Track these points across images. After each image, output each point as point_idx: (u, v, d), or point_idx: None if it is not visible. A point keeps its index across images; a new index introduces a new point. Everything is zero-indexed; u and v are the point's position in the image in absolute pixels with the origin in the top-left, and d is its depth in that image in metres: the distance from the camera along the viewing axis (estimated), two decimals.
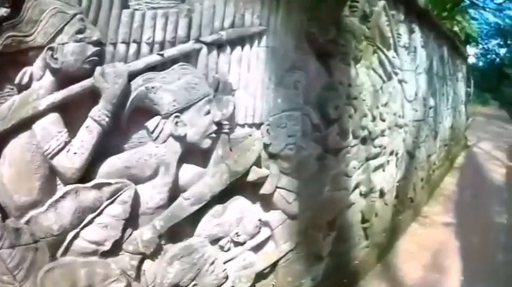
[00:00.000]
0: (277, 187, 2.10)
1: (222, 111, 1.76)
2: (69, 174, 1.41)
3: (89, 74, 1.46)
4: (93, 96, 1.48)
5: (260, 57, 1.94)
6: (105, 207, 1.48)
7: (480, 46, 23.84)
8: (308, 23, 2.25)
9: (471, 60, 15.32)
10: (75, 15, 1.40)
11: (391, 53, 3.50)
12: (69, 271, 1.44)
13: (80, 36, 1.40)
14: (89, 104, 1.47)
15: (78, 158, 1.41)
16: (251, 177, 1.95)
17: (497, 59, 25.40)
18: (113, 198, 1.48)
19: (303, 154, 2.22)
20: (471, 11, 11.79)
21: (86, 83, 1.45)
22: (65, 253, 1.44)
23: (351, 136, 2.78)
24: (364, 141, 3.04)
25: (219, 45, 1.76)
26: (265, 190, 2.07)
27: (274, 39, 2.00)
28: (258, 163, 2.00)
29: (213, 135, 1.75)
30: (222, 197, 1.86)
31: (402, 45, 3.88)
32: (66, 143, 1.40)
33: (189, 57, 1.69)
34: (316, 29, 2.30)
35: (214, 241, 1.86)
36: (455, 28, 7.97)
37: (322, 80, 2.42)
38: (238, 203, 1.96)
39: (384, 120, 3.34)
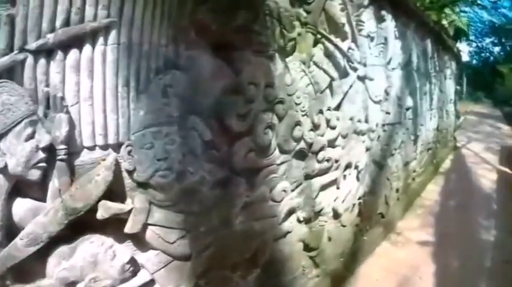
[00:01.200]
0: (148, 224, 1.61)
1: (55, 133, 1.42)
2: None
3: None
4: None
5: (108, 59, 1.48)
6: None
7: (474, 44, 23.08)
8: (194, 7, 1.64)
9: (464, 58, 14.57)
10: None
11: (346, 44, 2.78)
12: None
13: None
14: None
15: None
16: (100, 214, 1.48)
17: (491, 58, 24.56)
18: None
19: (189, 181, 1.63)
20: (466, 8, 11.10)
21: None
22: None
23: (276, 151, 2.10)
24: (301, 155, 2.35)
25: (48, 52, 1.39)
26: (128, 228, 1.57)
27: (131, 33, 1.52)
28: (121, 193, 1.55)
29: (43, 164, 1.41)
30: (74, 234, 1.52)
31: (365, 34, 3.16)
32: None
33: (13, 72, 1.36)
34: (208, 14, 1.67)
35: (70, 284, 1.51)
36: (444, 22, 7.21)
37: (221, 80, 1.76)
38: (91, 244, 1.57)
39: (333, 128, 2.63)
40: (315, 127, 2.43)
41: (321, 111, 2.48)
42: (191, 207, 1.69)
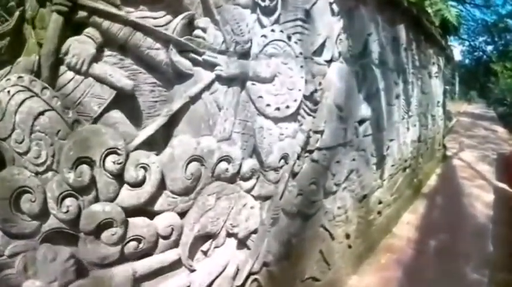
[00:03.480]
0: None
1: None
2: None
3: None
4: None
5: None
6: None
7: (467, 43, 21.57)
8: None
9: (457, 57, 13.16)
10: None
11: (178, 21, 1.42)
12: None
13: None
14: None
15: None
16: None
17: (484, 57, 22.90)
18: None
19: None
20: (458, 6, 9.66)
21: None
22: None
23: None
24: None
25: None
26: None
27: None
28: None
29: None
30: None
31: (245, 3, 1.69)
32: None
33: None
34: None
35: None
36: (429, 10, 5.71)
37: None
38: None
39: (137, 185, 1.34)
40: (78, 190, 1.26)
41: (85, 160, 1.23)
42: None
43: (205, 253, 1.73)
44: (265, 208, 2.03)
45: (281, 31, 1.96)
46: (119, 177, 1.37)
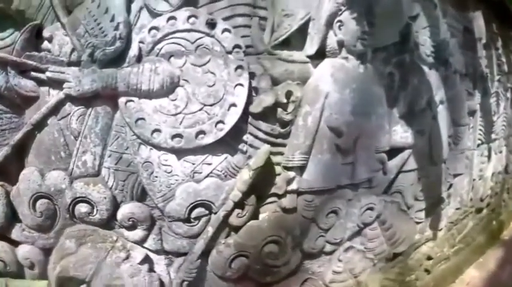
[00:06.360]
0: None
1: None
2: None
3: None
4: None
5: None
6: None
7: None
8: None
9: None
10: None
11: None
12: None
13: None
14: None
15: None
16: None
17: None
18: None
19: None
20: None
21: None
22: None
23: None
24: None
25: None
26: None
27: None
28: None
29: None
30: None
31: None
32: None
33: None
34: None
35: None
36: None
37: None
38: None
39: None
40: None
41: None
42: None
43: None
44: (175, 267, 1.44)
45: (192, 17, 1.27)
46: None
